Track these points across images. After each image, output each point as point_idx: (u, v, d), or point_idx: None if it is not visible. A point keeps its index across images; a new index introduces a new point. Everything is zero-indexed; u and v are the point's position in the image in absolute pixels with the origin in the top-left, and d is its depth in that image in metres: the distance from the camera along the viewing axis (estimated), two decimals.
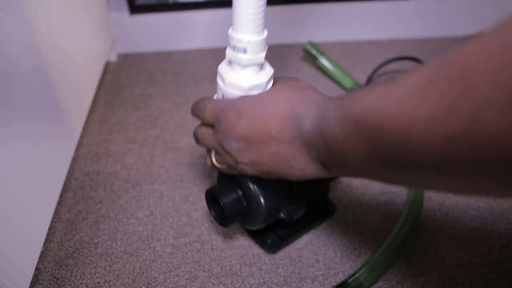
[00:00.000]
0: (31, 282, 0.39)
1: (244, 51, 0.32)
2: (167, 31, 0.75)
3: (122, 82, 0.69)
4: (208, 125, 0.35)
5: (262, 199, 0.37)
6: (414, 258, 0.43)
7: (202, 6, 0.73)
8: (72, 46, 0.53)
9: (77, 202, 0.49)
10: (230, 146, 0.32)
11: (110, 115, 0.62)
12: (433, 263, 0.43)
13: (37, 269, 0.42)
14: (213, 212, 0.40)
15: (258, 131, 0.30)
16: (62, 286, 0.41)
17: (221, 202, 0.37)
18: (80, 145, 0.56)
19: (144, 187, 0.51)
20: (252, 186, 0.37)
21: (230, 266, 0.43)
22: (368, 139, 0.22)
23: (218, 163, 0.36)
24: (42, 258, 0.43)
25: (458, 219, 0.47)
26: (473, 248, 0.44)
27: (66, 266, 0.42)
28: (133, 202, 0.49)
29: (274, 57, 0.74)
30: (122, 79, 0.70)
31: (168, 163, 0.54)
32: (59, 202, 0.48)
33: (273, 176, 0.32)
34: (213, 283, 0.41)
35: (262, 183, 0.37)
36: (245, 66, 0.33)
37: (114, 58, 0.75)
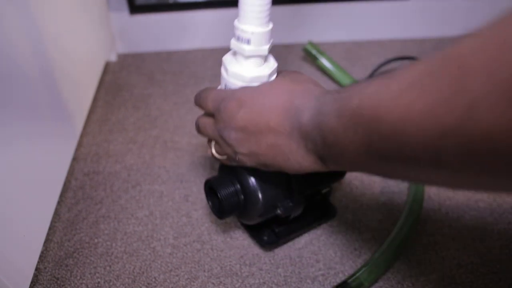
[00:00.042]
0: (31, 282, 0.39)
1: (247, 42, 0.32)
2: (167, 31, 0.75)
3: (122, 82, 0.69)
4: (209, 115, 0.35)
5: (260, 194, 0.37)
6: (414, 258, 0.43)
7: (202, 6, 0.73)
8: (72, 46, 0.53)
9: (77, 202, 0.49)
10: (229, 136, 0.32)
11: (110, 115, 0.62)
12: (433, 263, 0.43)
13: (37, 269, 0.42)
14: (210, 202, 0.40)
15: (257, 122, 0.30)
16: (62, 286, 0.41)
17: (218, 194, 0.38)
18: (80, 145, 0.56)
19: (144, 187, 0.51)
20: (251, 180, 0.37)
21: (230, 266, 0.43)
22: (364, 132, 0.22)
23: (218, 154, 0.36)
24: (42, 258, 0.43)
25: (458, 219, 0.47)
26: (473, 248, 0.44)
27: (66, 266, 0.42)
28: (133, 202, 0.49)
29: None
30: (122, 79, 0.70)
31: (168, 163, 0.54)
32: (59, 202, 0.48)
33: (271, 168, 0.32)
34: (213, 283, 0.41)
35: (261, 178, 0.37)
36: (248, 57, 0.33)
37: (114, 58, 0.75)
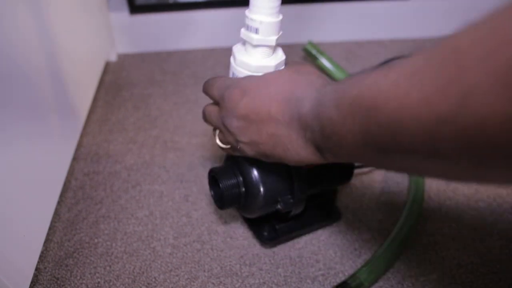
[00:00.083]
0: (31, 282, 0.39)
1: (256, 31, 0.33)
2: (167, 31, 0.75)
3: (122, 82, 0.69)
4: (216, 103, 0.35)
5: (261, 186, 0.38)
6: (414, 258, 0.43)
7: (202, 6, 0.73)
8: (72, 46, 0.53)
9: (77, 202, 0.49)
10: (231, 124, 0.32)
11: (110, 115, 0.62)
12: (433, 263, 0.43)
13: (37, 269, 0.42)
14: (212, 192, 0.41)
15: (259, 111, 0.30)
16: (62, 286, 0.41)
17: (220, 184, 0.38)
18: (80, 145, 0.56)
19: (144, 187, 0.51)
20: (253, 172, 0.38)
21: (230, 266, 0.43)
22: (362, 122, 0.22)
23: (221, 143, 0.37)
24: (42, 258, 0.43)
25: (458, 219, 0.47)
26: (473, 248, 0.44)
27: (66, 266, 0.42)
28: (133, 202, 0.49)
29: None
30: (122, 79, 0.70)
31: (168, 163, 0.54)
32: (59, 202, 0.48)
33: (271, 158, 0.32)
34: (213, 283, 0.41)
35: (263, 171, 0.38)
36: (256, 47, 0.34)
37: (114, 58, 0.75)
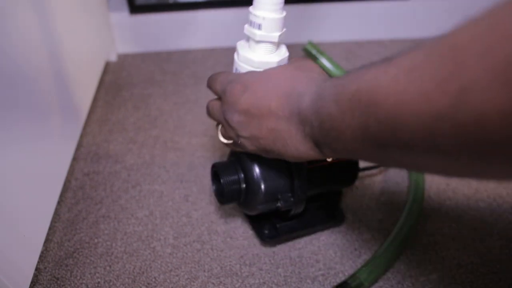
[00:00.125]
0: (31, 282, 0.39)
1: (259, 27, 0.33)
2: (167, 31, 0.75)
3: (122, 82, 0.69)
4: (219, 98, 0.36)
5: (262, 182, 0.38)
6: (414, 258, 0.43)
7: (202, 6, 0.73)
8: (72, 46, 0.53)
9: (77, 202, 0.49)
10: (232, 119, 0.32)
11: (110, 115, 0.62)
12: (433, 263, 0.43)
13: (37, 269, 0.42)
14: (214, 186, 0.41)
15: (259, 106, 0.30)
16: (62, 286, 0.41)
17: (221, 180, 0.39)
18: (80, 145, 0.56)
19: (144, 187, 0.51)
20: (255, 168, 0.38)
21: (230, 266, 0.43)
22: (361, 117, 0.22)
23: (223, 138, 0.37)
24: (42, 258, 0.43)
25: (458, 219, 0.47)
26: (473, 248, 0.44)
27: (66, 266, 0.42)
28: (133, 202, 0.49)
29: None
30: (122, 79, 0.70)
31: (168, 163, 0.54)
32: (59, 202, 0.48)
33: (271, 154, 0.32)
34: (213, 283, 0.41)
35: (265, 168, 0.38)
36: (259, 43, 0.34)
37: (114, 58, 0.75)
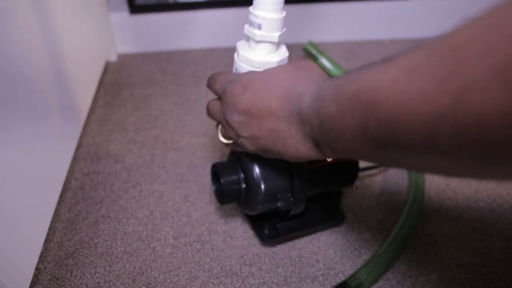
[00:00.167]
0: (31, 282, 0.39)
1: (259, 27, 0.33)
2: (167, 31, 0.75)
3: (122, 82, 0.69)
4: (219, 98, 0.36)
5: (262, 184, 0.38)
6: (414, 258, 0.43)
7: (202, 6, 0.73)
8: (72, 46, 0.53)
9: (77, 202, 0.49)
10: (232, 119, 0.32)
11: (110, 115, 0.62)
12: (433, 263, 0.43)
13: (37, 269, 0.42)
14: (214, 186, 0.42)
15: (259, 106, 0.30)
16: (62, 286, 0.41)
17: (221, 180, 0.39)
18: (80, 145, 0.56)
19: (144, 187, 0.51)
20: (255, 168, 0.38)
21: (230, 266, 0.43)
22: (361, 117, 0.22)
23: (224, 138, 0.37)
24: (42, 258, 0.43)
25: (458, 219, 0.47)
26: (473, 248, 0.44)
27: (66, 266, 0.42)
28: (133, 202, 0.49)
29: None
30: (122, 79, 0.70)
31: (168, 163, 0.54)
32: (59, 202, 0.48)
33: (271, 154, 0.32)
34: (213, 283, 0.41)
35: (265, 169, 0.38)
36: (258, 42, 0.34)
37: (114, 58, 0.75)
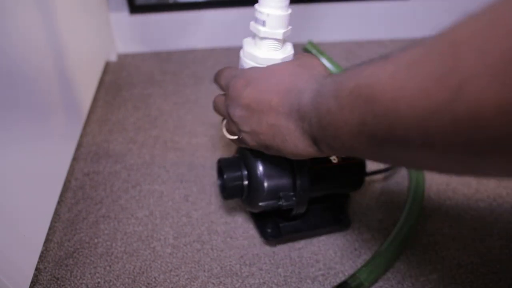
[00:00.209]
0: (31, 282, 0.39)
1: (263, 24, 0.33)
2: (167, 31, 0.75)
3: (122, 82, 0.69)
4: (224, 93, 0.36)
5: (265, 181, 0.38)
6: (414, 258, 0.43)
7: (202, 6, 0.73)
8: (72, 46, 0.53)
9: (77, 202, 0.49)
10: (234, 113, 0.33)
11: (110, 115, 0.62)
12: (433, 263, 0.43)
13: (37, 269, 0.42)
14: (219, 181, 0.42)
15: (260, 101, 0.31)
16: (62, 286, 0.41)
17: (224, 175, 0.40)
18: (80, 145, 0.56)
19: (144, 187, 0.51)
20: (258, 167, 0.39)
21: (230, 266, 0.43)
22: (359, 113, 0.23)
23: (228, 133, 0.37)
24: (42, 258, 0.43)
25: (458, 219, 0.47)
26: (473, 248, 0.44)
27: (66, 266, 0.42)
28: (133, 202, 0.49)
29: None
30: (122, 79, 0.70)
31: (168, 163, 0.54)
32: (59, 202, 0.48)
33: (270, 150, 0.33)
34: (213, 283, 0.41)
35: (268, 167, 0.39)
36: (263, 39, 0.34)
37: (114, 58, 0.75)
